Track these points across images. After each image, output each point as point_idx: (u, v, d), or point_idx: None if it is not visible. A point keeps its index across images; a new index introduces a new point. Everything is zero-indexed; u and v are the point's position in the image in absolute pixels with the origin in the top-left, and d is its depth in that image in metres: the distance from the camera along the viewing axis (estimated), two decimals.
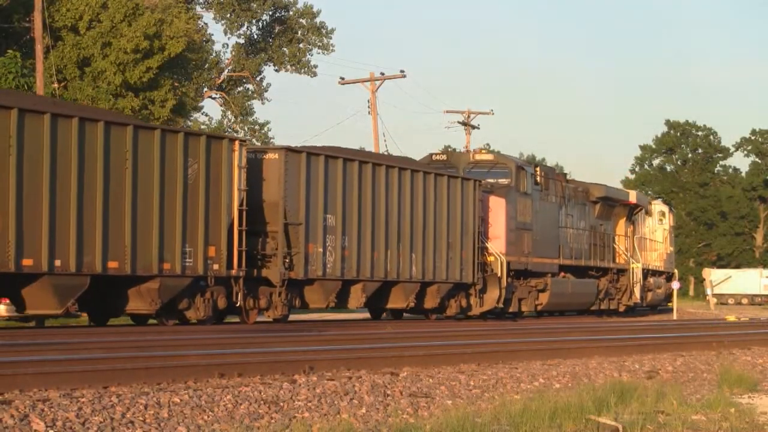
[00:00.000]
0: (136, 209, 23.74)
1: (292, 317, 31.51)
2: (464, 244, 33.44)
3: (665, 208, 54.94)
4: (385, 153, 52.42)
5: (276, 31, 63.73)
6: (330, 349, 17.89)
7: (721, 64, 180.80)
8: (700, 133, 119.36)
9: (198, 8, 60.63)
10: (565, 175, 40.95)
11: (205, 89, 60.87)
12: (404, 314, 34.91)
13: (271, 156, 27.50)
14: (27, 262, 21.68)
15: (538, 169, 38.01)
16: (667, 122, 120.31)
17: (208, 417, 10.94)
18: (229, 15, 62.06)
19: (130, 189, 23.60)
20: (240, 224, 26.01)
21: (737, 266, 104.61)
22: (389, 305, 32.20)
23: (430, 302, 32.69)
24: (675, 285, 50.50)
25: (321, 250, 28.11)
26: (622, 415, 11.61)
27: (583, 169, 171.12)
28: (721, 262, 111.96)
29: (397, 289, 31.32)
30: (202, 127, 57.71)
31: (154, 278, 24.20)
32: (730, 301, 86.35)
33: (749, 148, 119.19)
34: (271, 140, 63.53)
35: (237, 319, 27.82)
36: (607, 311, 44.59)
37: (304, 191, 27.64)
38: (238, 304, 26.47)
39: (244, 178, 26.16)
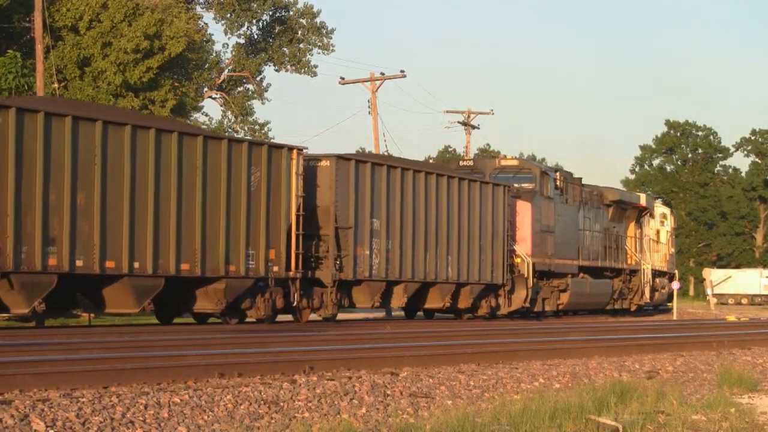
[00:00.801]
0: (206, 215, 25.47)
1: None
2: (494, 246, 35.19)
3: (667, 210, 55.45)
4: (385, 153, 52.43)
5: (276, 31, 63.73)
6: (330, 349, 17.89)
7: (721, 64, 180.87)
8: (700, 133, 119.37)
9: (198, 8, 60.66)
10: (580, 179, 42.41)
11: (205, 89, 60.88)
12: (435, 314, 36.69)
13: (323, 163, 29.04)
14: (110, 264, 23.38)
15: (558, 174, 39.70)
16: (667, 122, 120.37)
17: (208, 417, 10.94)
18: (229, 15, 62.06)
19: (200, 196, 25.35)
20: (297, 228, 27.62)
21: (737, 266, 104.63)
22: (427, 305, 33.85)
23: (463, 302, 34.35)
24: (675, 285, 50.62)
25: (368, 252, 29.86)
26: (622, 415, 11.61)
27: (583, 170, 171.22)
28: (721, 262, 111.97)
29: (434, 290, 33.00)
30: (202, 127, 57.70)
31: (221, 279, 25.90)
32: (730, 301, 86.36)
33: (749, 148, 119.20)
34: (271, 140, 63.45)
35: (290, 318, 29.41)
36: (620, 311, 46.31)
37: (353, 197, 29.31)
38: (294, 304, 28.05)
39: (300, 184, 27.75)
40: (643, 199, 49.53)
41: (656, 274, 50.65)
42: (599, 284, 42.82)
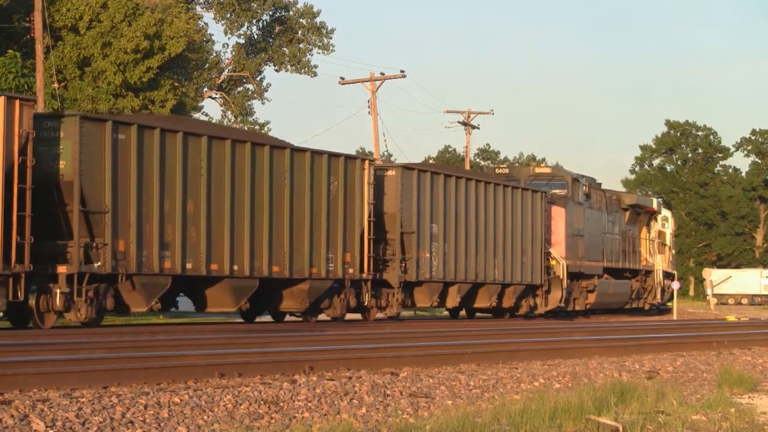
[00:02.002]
0: (293, 221, 27.93)
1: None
2: (534, 249, 37.81)
3: (668, 213, 55.87)
4: (386, 153, 52.45)
5: (276, 31, 63.71)
6: (330, 349, 17.89)
7: (721, 64, 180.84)
8: (700, 133, 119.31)
9: (198, 8, 60.63)
10: (599, 184, 44.81)
11: (205, 89, 60.88)
12: (477, 314, 39.00)
13: (390, 173, 31.58)
14: (214, 266, 25.78)
15: (585, 180, 42.31)
16: (667, 122, 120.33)
17: (208, 417, 10.94)
18: (229, 15, 62.04)
19: (288, 204, 27.78)
20: (369, 233, 30.16)
21: (737, 266, 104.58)
22: (476, 305, 36.29)
23: (507, 302, 37.07)
24: (675, 285, 50.71)
25: (428, 255, 32.37)
26: (622, 415, 11.60)
27: (582, 170, 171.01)
28: (721, 262, 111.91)
29: (483, 290, 35.54)
30: None
31: (305, 281, 28.44)
32: (730, 301, 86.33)
33: (749, 148, 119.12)
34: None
35: (359, 317, 31.71)
36: (636, 310, 48.97)
37: (415, 204, 31.91)
38: (366, 304, 30.58)
39: (371, 192, 30.29)
40: (654, 203, 51.64)
41: (664, 275, 52.41)
42: (620, 284, 45.49)
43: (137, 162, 24.07)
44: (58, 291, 22.98)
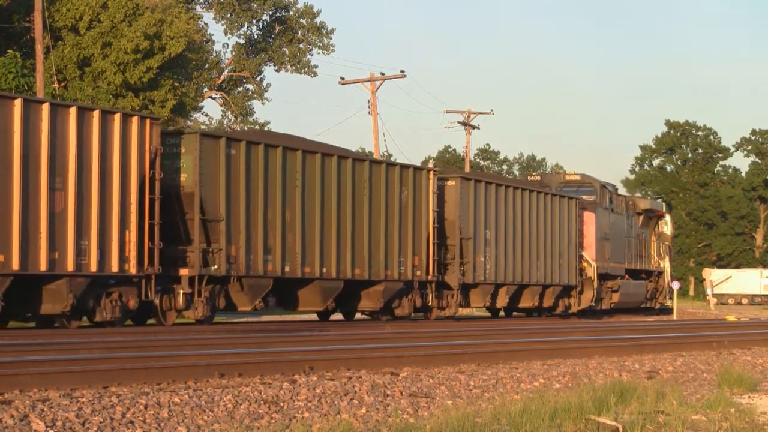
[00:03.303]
0: (371, 227, 30.61)
1: (295, 317, 36.04)
2: (569, 252, 40.64)
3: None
4: (386, 153, 52.47)
5: (276, 31, 63.71)
6: (330, 349, 17.88)
7: (721, 64, 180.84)
8: (700, 133, 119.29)
9: (198, 8, 60.63)
10: (616, 189, 47.04)
11: (206, 89, 60.86)
12: (513, 313, 41.39)
13: (450, 183, 34.25)
14: (307, 269, 28.49)
15: (610, 187, 45.31)
16: (667, 122, 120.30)
17: (208, 417, 10.94)
18: (229, 15, 62.04)
19: (367, 212, 30.53)
20: (433, 238, 32.83)
21: (737, 266, 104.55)
22: (520, 305, 38.81)
23: (547, 302, 39.83)
24: (675, 285, 50.78)
25: (482, 259, 35.12)
26: (622, 415, 11.60)
27: (582, 170, 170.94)
28: (721, 262, 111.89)
29: (527, 291, 38.30)
30: (202, 127, 57.67)
31: (381, 282, 31.07)
32: (730, 301, 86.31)
33: (749, 148, 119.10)
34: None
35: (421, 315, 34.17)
36: (648, 309, 51.53)
37: (472, 211, 34.65)
38: (430, 304, 33.21)
39: (435, 201, 33.07)
40: (663, 207, 54.45)
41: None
42: (638, 285, 48.34)
43: (245, 174, 26.74)
44: (181, 291, 25.71)
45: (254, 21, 63.58)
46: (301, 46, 63.75)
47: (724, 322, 40.62)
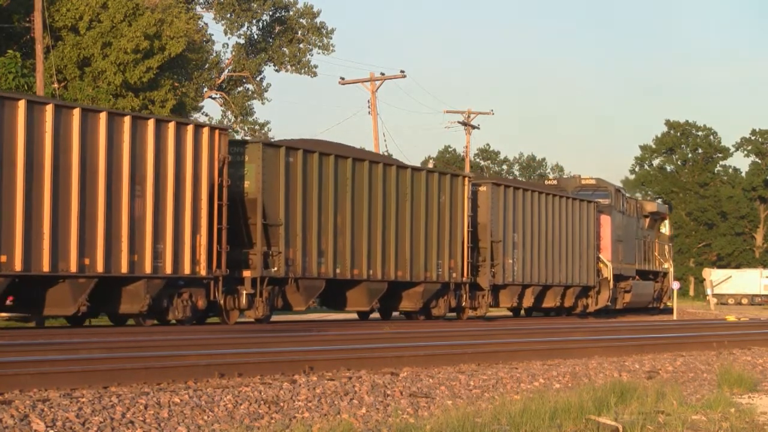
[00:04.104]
0: (413, 231, 32.19)
1: (296, 317, 36.51)
2: (588, 254, 42.14)
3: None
4: (386, 153, 52.48)
5: (276, 31, 63.69)
6: (330, 349, 17.88)
7: (721, 64, 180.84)
8: (700, 133, 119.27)
9: (198, 8, 60.60)
10: (625, 192, 48.88)
11: (205, 89, 60.84)
12: (532, 312, 42.93)
13: (482, 188, 35.86)
14: (356, 271, 30.08)
15: (623, 190, 47.15)
16: (667, 122, 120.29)
17: (208, 417, 10.93)
18: (229, 15, 62.01)
19: (409, 216, 32.03)
20: (467, 242, 34.36)
21: (737, 266, 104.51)
22: (544, 305, 40.19)
23: (568, 302, 41.49)
24: (675, 285, 50.82)
25: (511, 261, 36.70)
26: (622, 415, 11.60)
27: (582, 170, 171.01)
28: (721, 262, 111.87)
29: (550, 292, 39.88)
30: None
31: (420, 284, 32.62)
32: (730, 301, 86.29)
33: (749, 148, 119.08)
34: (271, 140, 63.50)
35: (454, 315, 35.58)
36: (653, 309, 52.82)
37: (501, 215, 36.29)
38: (464, 305, 34.83)
39: (469, 206, 34.61)
40: (666, 209, 55.92)
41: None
42: (647, 285, 50.00)
43: (302, 181, 28.24)
44: (244, 292, 27.12)
45: (254, 21, 63.57)
46: (301, 46, 63.74)
47: (724, 322, 40.63)
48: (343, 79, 58.06)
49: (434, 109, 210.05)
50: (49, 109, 22.69)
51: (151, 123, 24.79)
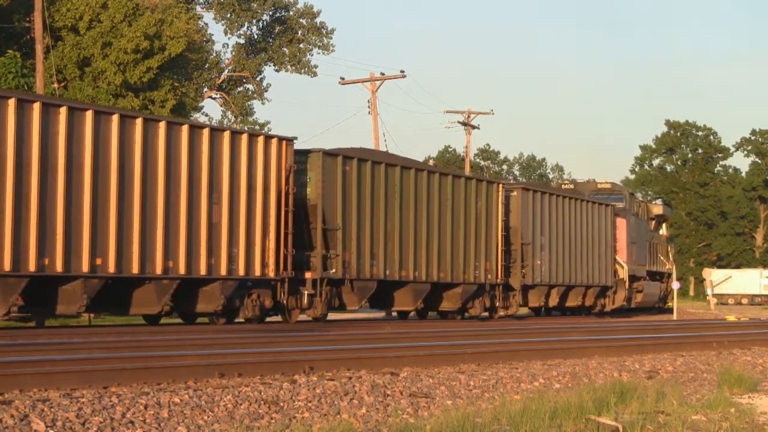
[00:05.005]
0: (453, 235, 33.89)
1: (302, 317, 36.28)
2: (606, 255, 44.00)
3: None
4: (385, 151, 52.44)
5: (276, 31, 63.69)
6: (330, 349, 17.88)
7: (721, 64, 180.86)
8: (700, 133, 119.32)
9: (198, 8, 60.60)
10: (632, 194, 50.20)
11: (205, 89, 60.84)
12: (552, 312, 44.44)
13: (514, 194, 37.66)
14: (403, 273, 31.81)
15: (636, 194, 47.84)
16: (667, 122, 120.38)
17: (208, 417, 10.93)
18: (229, 15, 62.02)
19: (450, 222, 33.82)
20: (501, 245, 36.24)
21: (737, 266, 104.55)
22: (567, 304, 42.08)
23: (588, 301, 43.37)
24: (675, 285, 50.88)
25: (539, 262, 38.55)
26: (622, 415, 11.60)
27: (582, 170, 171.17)
28: (721, 262, 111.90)
29: (573, 292, 41.88)
30: None
31: (460, 285, 34.43)
32: (730, 301, 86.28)
33: (749, 148, 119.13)
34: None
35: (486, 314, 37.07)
36: (658, 308, 54.92)
37: (530, 219, 38.03)
38: (497, 305, 36.65)
39: (503, 210, 36.51)
40: (669, 212, 57.39)
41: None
42: (655, 285, 51.66)
43: (357, 188, 29.91)
44: (305, 292, 28.66)
45: (254, 21, 63.58)
46: (301, 46, 63.73)
47: (724, 322, 40.62)
48: (343, 79, 58.10)
49: (434, 109, 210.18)
50: (138, 122, 24.45)
51: (226, 135, 26.59)
